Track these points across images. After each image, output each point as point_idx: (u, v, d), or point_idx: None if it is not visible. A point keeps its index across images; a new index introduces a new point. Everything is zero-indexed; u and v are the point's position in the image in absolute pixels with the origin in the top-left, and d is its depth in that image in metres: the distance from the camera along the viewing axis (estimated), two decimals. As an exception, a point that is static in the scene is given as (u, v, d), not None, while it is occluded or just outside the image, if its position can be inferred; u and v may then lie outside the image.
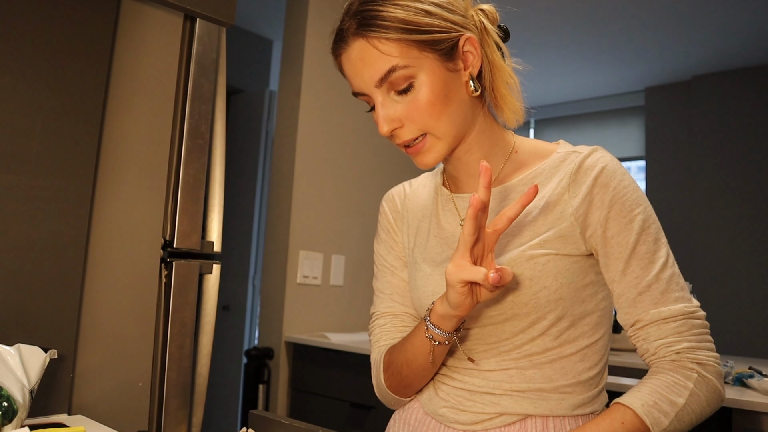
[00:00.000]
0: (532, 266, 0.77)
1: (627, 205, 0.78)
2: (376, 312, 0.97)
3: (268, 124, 3.34)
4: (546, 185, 0.82)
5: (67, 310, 0.99)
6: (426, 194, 0.97)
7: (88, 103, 1.03)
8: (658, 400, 0.73)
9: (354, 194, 2.59)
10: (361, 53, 0.77)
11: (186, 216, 1.16)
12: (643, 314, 0.77)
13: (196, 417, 1.19)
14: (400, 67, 0.75)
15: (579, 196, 0.78)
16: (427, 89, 0.76)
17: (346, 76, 0.82)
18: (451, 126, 0.79)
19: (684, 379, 0.74)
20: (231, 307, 3.30)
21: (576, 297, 0.79)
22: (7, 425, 0.75)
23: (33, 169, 0.96)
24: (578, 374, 0.80)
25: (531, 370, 0.80)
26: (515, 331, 0.79)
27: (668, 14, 3.13)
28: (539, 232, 0.79)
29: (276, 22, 3.40)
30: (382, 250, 0.99)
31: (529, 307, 0.77)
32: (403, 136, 0.79)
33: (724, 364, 1.59)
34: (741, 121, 3.76)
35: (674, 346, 0.75)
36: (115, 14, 1.08)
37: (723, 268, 3.72)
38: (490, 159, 0.86)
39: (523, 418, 0.79)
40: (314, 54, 2.43)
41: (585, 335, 0.81)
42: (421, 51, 0.76)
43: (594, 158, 0.80)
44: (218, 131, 1.25)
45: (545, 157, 0.85)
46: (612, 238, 0.77)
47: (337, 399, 2.15)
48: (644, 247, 0.77)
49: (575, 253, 0.78)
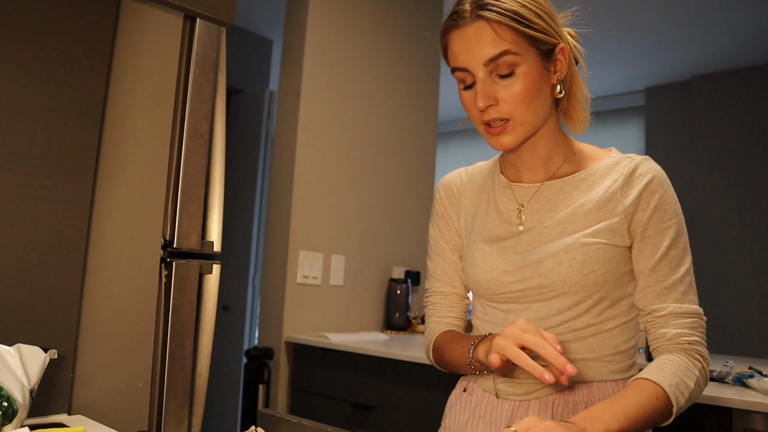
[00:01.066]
0: (585, 252, 0.89)
1: (667, 213, 0.90)
2: (429, 290, 1.11)
3: (268, 124, 3.34)
4: (600, 184, 0.94)
5: (67, 310, 0.99)
6: (482, 180, 1.07)
7: (88, 103, 1.03)
8: (678, 382, 0.83)
9: (354, 194, 2.59)
10: (479, 33, 0.87)
11: (186, 216, 1.16)
12: (664, 306, 0.89)
13: (196, 417, 1.19)
14: (511, 52, 0.86)
15: (630, 196, 0.90)
16: (527, 78, 0.87)
17: (451, 53, 0.91)
18: (534, 116, 0.90)
19: (693, 367, 0.86)
20: (231, 307, 3.30)
21: (618, 282, 0.91)
22: (7, 425, 0.75)
23: (33, 169, 0.96)
24: (617, 346, 0.92)
25: (575, 343, 0.91)
26: (562, 307, 0.91)
27: (668, 14, 3.13)
28: (593, 223, 0.91)
29: (276, 22, 3.40)
30: (436, 234, 1.10)
31: (578, 286, 0.89)
32: (492, 113, 0.89)
33: (724, 364, 1.59)
34: (741, 121, 3.76)
35: (688, 337, 0.87)
36: (115, 14, 1.08)
37: (723, 268, 3.72)
38: (552, 157, 0.98)
39: (571, 384, 0.90)
40: (314, 54, 2.43)
41: (623, 314, 0.93)
42: (528, 44, 0.87)
43: (647, 166, 0.92)
44: (218, 131, 1.25)
45: (599, 160, 0.97)
46: (648, 237, 0.90)
47: (337, 399, 2.15)
48: (674, 252, 0.90)
49: (621, 244, 0.90)
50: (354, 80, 2.60)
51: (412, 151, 2.87)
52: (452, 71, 0.92)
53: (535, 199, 0.97)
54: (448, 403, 1.05)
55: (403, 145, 2.82)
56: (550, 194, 0.96)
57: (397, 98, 2.80)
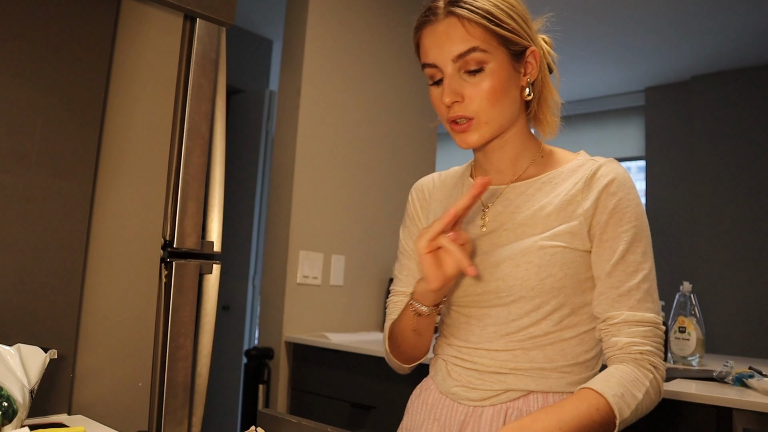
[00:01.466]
0: (542, 255, 0.87)
1: (626, 216, 0.88)
2: (393, 290, 1.09)
3: (268, 124, 3.34)
4: (562, 185, 0.92)
5: (67, 310, 0.99)
6: (453, 184, 1.07)
7: (88, 103, 1.03)
8: (624, 393, 0.80)
9: (354, 194, 2.59)
10: (449, 29, 0.87)
11: (186, 216, 1.16)
12: (618, 313, 0.86)
13: (196, 417, 1.19)
14: (480, 50, 0.86)
15: (590, 199, 0.89)
16: (494, 77, 0.87)
17: (422, 49, 0.92)
18: (500, 116, 0.90)
19: (643, 377, 0.83)
20: (231, 307, 3.30)
21: (577, 287, 0.89)
22: (7, 425, 0.75)
23: (33, 169, 0.96)
24: (576, 356, 0.90)
25: (534, 351, 0.89)
26: (521, 313, 0.89)
27: (668, 14, 3.13)
28: (552, 225, 0.89)
29: (276, 22, 3.40)
30: (404, 236, 1.10)
31: (535, 291, 0.87)
32: (458, 110, 0.89)
33: (724, 364, 1.59)
34: (740, 121, 3.76)
35: (639, 346, 0.85)
36: (115, 14, 1.08)
37: (723, 268, 3.72)
38: (520, 159, 0.97)
39: (526, 394, 0.89)
40: (314, 54, 2.43)
41: (583, 322, 0.90)
42: (498, 43, 0.87)
43: (609, 168, 0.90)
44: (218, 131, 1.25)
45: (565, 163, 0.96)
46: (606, 241, 0.88)
47: (337, 399, 2.15)
48: (632, 257, 0.87)
49: (581, 248, 0.89)
50: (354, 80, 2.60)
51: (413, 151, 2.88)
52: (422, 67, 0.93)
53: (499, 201, 0.96)
54: (408, 403, 1.04)
55: (403, 145, 2.82)
56: (514, 196, 0.95)
57: (398, 98, 2.80)
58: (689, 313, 1.83)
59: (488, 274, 0.91)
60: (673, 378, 1.59)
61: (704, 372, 1.67)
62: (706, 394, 1.36)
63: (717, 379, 1.55)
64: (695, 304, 1.84)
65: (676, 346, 1.83)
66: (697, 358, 1.81)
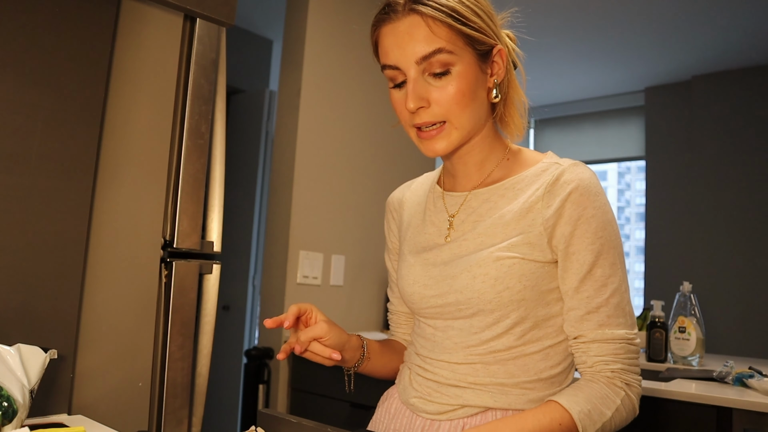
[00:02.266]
0: (498, 267, 0.82)
1: (593, 226, 0.81)
2: (388, 306, 1.14)
3: (268, 124, 3.34)
4: (524, 192, 0.86)
5: (67, 310, 0.99)
6: (423, 192, 1.03)
7: (88, 103, 1.03)
8: (591, 409, 0.78)
9: (354, 194, 2.59)
10: (412, 28, 0.80)
11: (186, 216, 1.16)
12: (588, 331, 0.82)
13: (196, 417, 1.19)
14: (446, 51, 0.80)
15: (552, 207, 0.82)
16: (461, 79, 0.81)
17: (381, 48, 0.85)
18: (470, 120, 0.84)
19: (614, 395, 0.81)
20: (231, 307, 3.30)
21: (540, 300, 0.84)
22: (7, 425, 0.75)
23: (33, 169, 0.96)
24: (539, 372, 0.85)
25: (494, 366, 0.85)
26: (482, 326, 0.85)
27: (668, 14, 3.13)
28: (510, 235, 0.84)
29: (276, 22, 3.40)
30: (387, 257, 1.14)
31: (492, 304, 0.83)
32: (424, 116, 0.83)
33: (724, 364, 1.59)
34: (740, 121, 3.76)
35: (610, 365, 0.82)
36: (115, 14, 1.08)
37: (723, 268, 3.72)
38: (485, 163, 0.92)
39: (484, 410, 0.84)
40: (314, 54, 2.43)
41: (549, 336, 0.86)
42: (465, 44, 0.81)
43: (573, 173, 0.83)
44: (218, 131, 1.25)
45: (531, 166, 0.90)
46: (572, 254, 0.82)
47: (337, 399, 2.15)
48: (600, 271, 0.82)
49: (541, 259, 0.83)
50: (354, 80, 2.60)
51: (413, 150, 2.87)
52: (382, 68, 0.86)
53: (463, 209, 0.91)
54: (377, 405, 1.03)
55: (403, 144, 2.82)
56: (477, 204, 0.90)
57: (397, 98, 2.80)
58: (689, 313, 1.83)
59: (447, 285, 0.87)
60: (673, 378, 1.59)
61: (704, 372, 1.67)
62: (706, 394, 1.36)
63: (717, 379, 1.55)
64: (695, 304, 1.84)
65: (676, 346, 1.83)
66: (697, 358, 1.81)
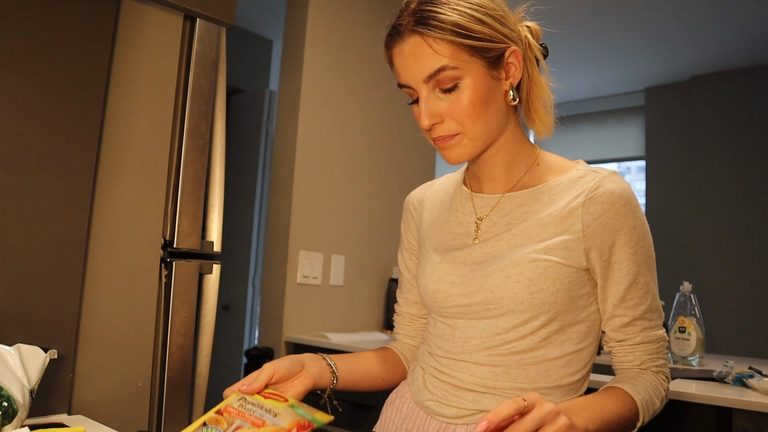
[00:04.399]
0: (533, 268, 0.83)
1: (635, 237, 0.84)
2: (395, 307, 1.13)
3: (268, 124, 3.34)
4: (562, 198, 0.87)
5: (67, 310, 0.99)
6: (444, 192, 1.04)
7: (88, 103, 1.03)
8: (648, 399, 0.84)
9: (354, 194, 2.59)
10: (415, 49, 0.82)
11: (186, 216, 1.16)
12: (634, 335, 0.88)
13: (196, 417, 1.19)
14: (450, 67, 0.80)
15: (593, 215, 0.84)
16: (471, 92, 0.82)
17: (394, 68, 0.88)
18: (485, 130, 0.85)
19: (660, 386, 0.87)
20: (231, 307, 3.30)
21: (570, 305, 0.85)
22: (7, 425, 0.75)
23: (33, 169, 0.96)
24: (560, 378, 0.86)
25: (516, 370, 0.85)
26: (507, 327, 0.85)
27: (668, 14, 3.13)
28: (547, 238, 0.85)
29: (276, 22, 3.40)
30: (400, 256, 1.12)
31: (524, 305, 0.83)
32: (440, 131, 0.85)
33: (724, 364, 1.59)
34: (740, 121, 3.76)
35: (656, 361, 0.89)
36: (115, 14, 1.08)
37: (723, 268, 3.72)
38: (513, 167, 0.92)
39: None
40: (314, 54, 2.43)
41: (572, 341, 0.87)
42: (470, 56, 0.81)
43: (615, 183, 0.85)
44: (218, 131, 1.25)
45: (564, 173, 0.91)
46: (616, 263, 0.85)
47: (337, 399, 2.15)
48: (643, 279, 0.86)
49: (576, 265, 0.84)
50: (354, 80, 2.60)
51: (413, 150, 2.87)
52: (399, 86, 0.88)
53: (495, 212, 0.92)
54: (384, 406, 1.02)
55: (403, 144, 2.82)
56: (511, 207, 0.91)
57: (398, 98, 2.80)
58: (689, 313, 1.83)
59: (477, 284, 0.87)
60: (673, 378, 1.59)
61: (704, 372, 1.67)
62: (706, 394, 1.36)
63: (717, 379, 1.55)
64: (695, 304, 1.84)
65: (676, 346, 1.83)
66: (697, 358, 1.81)
